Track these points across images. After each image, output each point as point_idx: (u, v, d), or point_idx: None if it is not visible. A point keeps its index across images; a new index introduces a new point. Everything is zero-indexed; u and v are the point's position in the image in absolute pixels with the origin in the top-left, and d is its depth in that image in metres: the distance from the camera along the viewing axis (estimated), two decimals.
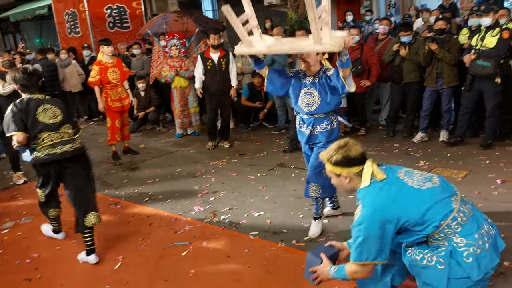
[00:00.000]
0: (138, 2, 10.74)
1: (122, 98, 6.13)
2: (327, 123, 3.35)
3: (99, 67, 5.94)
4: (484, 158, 4.93)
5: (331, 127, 3.37)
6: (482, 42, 5.02)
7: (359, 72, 6.15)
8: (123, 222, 4.16)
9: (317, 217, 3.59)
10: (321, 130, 3.36)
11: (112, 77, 6.00)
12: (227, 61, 6.12)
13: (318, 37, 2.62)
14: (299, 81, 3.36)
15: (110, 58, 6.04)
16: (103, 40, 6.14)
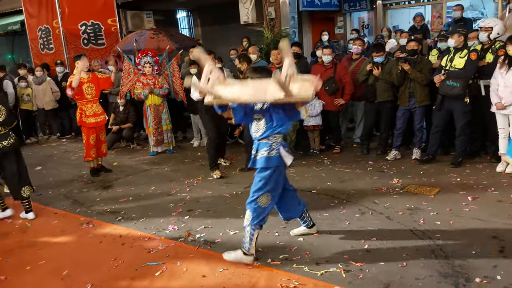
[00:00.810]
0: (114, 19, 10.67)
1: (97, 114, 6.05)
2: (266, 148, 3.33)
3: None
4: (455, 176, 5.04)
5: (269, 154, 3.33)
6: (451, 63, 5.19)
7: (333, 91, 6.25)
8: (95, 242, 4.03)
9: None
10: (261, 155, 3.36)
11: (87, 92, 5.95)
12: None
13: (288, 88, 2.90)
14: (253, 107, 3.36)
15: (85, 74, 5.98)
16: (77, 56, 6.08)
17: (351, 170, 5.59)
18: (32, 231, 4.42)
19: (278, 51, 6.25)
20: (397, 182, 4.97)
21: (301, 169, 5.79)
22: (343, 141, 6.82)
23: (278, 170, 3.40)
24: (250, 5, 9.16)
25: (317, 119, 6.33)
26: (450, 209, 4.10)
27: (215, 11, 11.91)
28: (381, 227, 3.84)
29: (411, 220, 3.92)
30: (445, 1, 9.58)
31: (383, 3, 10.43)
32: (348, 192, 4.77)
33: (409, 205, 4.27)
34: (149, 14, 11.38)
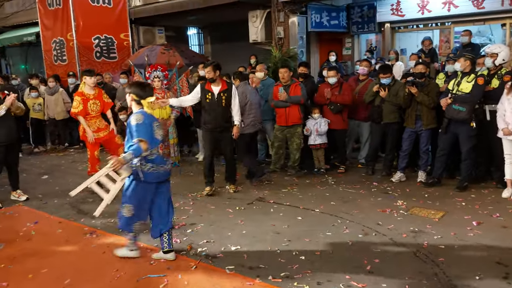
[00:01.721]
0: (126, 34, 10.89)
1: (100, 129, 6.16)
2: (136, 161, 3.56)
3: (81, 97, 5.99)
4: (460, 200, 5.03)
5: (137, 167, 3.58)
6: (458, 87, 5.23)
7: (338, 110, 6.32)
8: (98, 252, 4.05)
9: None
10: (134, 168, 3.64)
11: (92, 109, 6.05)
12: (229, 96, 5.52)
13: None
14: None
15: (91, 90, 6.08)
16: (87, 71, 6.19)
17: (355, 190, 5.59)
18: (36, 239, 4.45)
19: (285, 70, 6.36)
20: (401, 204, 4.96)
21: (305, 188, 5.80)
22: (348, 161, 6.83)
23: (141, 185, 3.62)
24: (260, 24, 9.31)
25: (323, 137, 6.37)
26: (455, 233, 4.08)
27: (225, 29, 12.11)
28: (384, 248, 3.83)
29: (414, 243, 3.90)
30: (453, 26, 9.68)
31: (391, 26, 10.55)
32: (352, 213, 4.76)
33: (413, 227, 4.25)
34: (161, 30, 11.61)
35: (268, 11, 9.21)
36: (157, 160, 3.66)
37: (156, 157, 3.67)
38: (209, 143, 5.71)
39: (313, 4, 9.56)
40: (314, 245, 3.95)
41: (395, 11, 10.04)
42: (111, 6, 10.62)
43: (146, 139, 3.51)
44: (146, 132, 3.53)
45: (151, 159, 3.63)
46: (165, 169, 3.73)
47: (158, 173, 3.66)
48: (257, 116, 6.25)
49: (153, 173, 3.63)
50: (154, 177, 3.64)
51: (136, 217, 3.72)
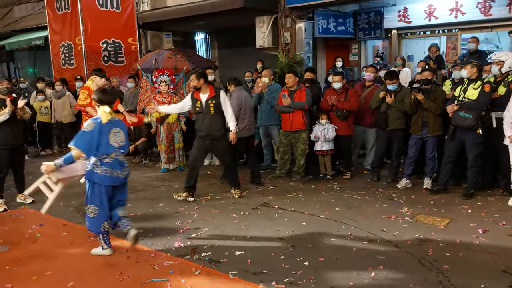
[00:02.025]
0: (134, 39, 10.96)
1: None
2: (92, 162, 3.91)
3: (87, 92, 5.94)
4: (466, 207, 4.98)
5: (93, 169, 3.87)
6: (465, 94, 5.21)
7: (345, 116, 6.31)
8: (101, 256, 4.05)
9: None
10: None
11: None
12: (217, 103, 5.42)
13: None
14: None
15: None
16: (97, 70, 6.12)
17: (360, 197, 5.56)
18: (41, 241, 4.47)
19: (290, 75, 6.39)
20: (407, 211, 4.92)
21: (310, 194, 5.78)
22: (354, 167, 6.81)
23: (96, 186, 3.88)
24: (267, 30, 9.34)
25: (330, 144, 6.35)
26: (460, 240, 4.04)
27: (232, 34, 12.15)
28: (389, 255, 3.80)
29: (419, 250, 3.87)
30: (460, 33, 9.64)
31: (398, 32, 10.53)
32: (357, 219, 4.73)
33: (418, 234, 4.22)
34: (169, 35, 11.68)
35: (275, 16, 9.24)
36: (112, 164, 3.90)
37: (112, 162, 3.91)
38: (197, 150, 5.65)
39: (320, 10, 9.57)
40: (318, 251, 3.93)
41: (402, 17, 10.01)
42: (119, 10, 10.70)
43: (83, 147, 3.79)
44: (87, 141, 3.81)
45: (106, 162, 3.88)
46: (118, 174, 3.94)
47: (111, 177, 3.89)
48: (251, 120, 6.38)
49: (106, 176, 3.87)
50: (107, 180, 3.87)
51: (101, 217, 3.94)
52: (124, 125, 4.11)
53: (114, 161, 3.92)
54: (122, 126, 4.06)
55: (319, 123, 6.40)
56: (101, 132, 3.84)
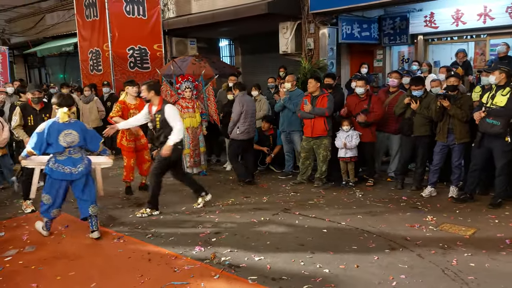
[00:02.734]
0: (159, 45, 11.19)
1: (137, 138, 6.18)
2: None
3: (122, 106, 6.06)
4: (493, 217, 4.83)
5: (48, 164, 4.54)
6: (492, 101, 5.07)
7: (368, 123, 6.22)
8: (124, 257, 4.13)
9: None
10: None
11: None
12: (162, 117, 5.17)
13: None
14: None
15: (133, 99, 6.14)
16: (129, 81, 6.23)
17: (383, 204, 5.48)
18: (66, 242, 4.59)
19: (312, 80, 6.40)
20: (431, 220, 4.82)
21: (332, 201, 5.73)
22: (377, 174, 6.71)
23: (51, 179, 4.51)
24: (290, 35, 9.35)
25: (353, 150, 6.28)
26: (486, 251, 3.92)
27: (256, 40, 12.23)
28: (412, 264, 3.72)
29: (443, 260, 3.78)
30: (489, 39, 9.40)
31: (424, 38, 10.35)
32: (379, 227, 4.66)
33: (443, 244, 4.12)
34: (193, 42, 11.86)
35: (298, 22, 9.25)
36: (65, 161, 4.50)
37: (65, 159, 4.51)
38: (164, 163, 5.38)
39: (344, 16, 9.52)
40: (339, 259, 3.89)
41: (428, 23, 9.85)
42: (145, 18, 10.95)
43: (32, 146, 4.44)
44: (36, 141, 4.44)
45: (59, 159, 4.50)
46: (71, 171, 4.51)
47: (64, 173, 4.49)
48: (251, 125, 6.63)
49: (58, 171, 4.48)
50: (58, 175, 4.49)
51: (53, 205, 4.58)
52: (80, 127, 4.59)
53: (67, 158, 4.51)
54: (77, 128, 4.55)
55: (342, 129, 6.34)
56: (49, 133, 4.43)
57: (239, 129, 6.43)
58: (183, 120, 7.20)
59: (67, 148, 4.49)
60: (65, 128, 4.48)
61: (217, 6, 10.62)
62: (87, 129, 4.69)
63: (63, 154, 4.49)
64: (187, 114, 7.15)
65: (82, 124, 4.69)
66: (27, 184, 5.65)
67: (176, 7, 11.70)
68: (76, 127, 4.55)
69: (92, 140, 4.67)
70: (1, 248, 4.43)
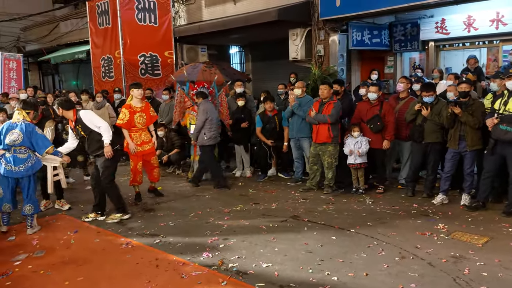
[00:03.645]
0: (170, 52, 11.29)
1: (145, 142, 6.14)
2: None
3: (128, 110, 6.00)
4: (506, 226, 4.74)
5: None
6: (505, 107, 4.99)
7: (378, 129, 6.18)
8: (132, 262, 4.13)
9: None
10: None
11: (138, 122, 6.03)
12: (83, 126, 5.24)
13: None
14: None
15: (139, 102, 6.08)
16: (134, 84, 6.23)
17: (393, 212, 5.40)
18: (75, 247, 4.61)
19: (325, 86, 6.38)
20: (442, 228, 4.73)
21: (341, 207, 5.67)
22: (388, 181, 6.63)
23: (0, 176, 4.93)
24: (300, 42, 9.36)
25: (363, 157, 6.22)
26: (499, 260, 3.83)
27: (266, 47, 12.26)
28: (422, 273, 3.66)
29: (455, 269, 3.70)
30: (502, 45, 9.29)
31: (435, 44, 10.27)
32: (389, 234, 4.59)
33: (454, 252, 4.04)
34: (204, 49, 11.94)
35: (308, 29, 9.25)
36: (11, 159, 4.88)
37: (10, 157, 4.89)
38: (95, 168, 5.50)
39: (354, 22, 9.49)
40: (348, 266, 3.84)
41: (439, 29, 9.77)
42: (157, 25, 11.06)
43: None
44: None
45: (6, 157, 4.90)
46: (19, 169, 4.90)
47: (11, 171, 4.88)
48: (217, 131, 6.98)
49: (6, 169, 4.89)
50: (7, 172, 4.89)
51: (4, 199, 4.95)
52: (26, 129, 4.90)
53: (12, 156, 4.89)
54: (22, 129, 4.89)
55: (351, 135, 6.29)
56: (2, 132, 4.90)
57: (206, 135, 6.80)
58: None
59: (13, 147, 4.88)
60: (12, 128, 4.92)
61: (228, 13, 10.69)
62: (36, 133, 4.98)
63: (10, 152, 4.90)
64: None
65: (31, 127, 4.98)
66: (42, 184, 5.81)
67: (187, 14, 11.81)
68: (21, 128, 4.90)
69: (37, 144, 4.98)
70: (11, 253, 4.47)
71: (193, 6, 11.70)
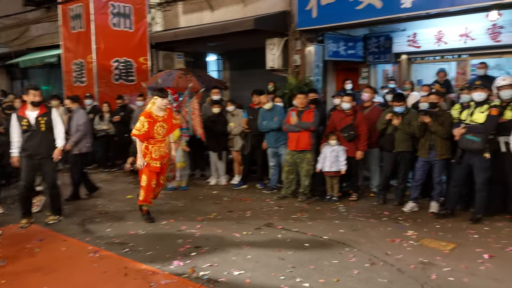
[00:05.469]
0: (146, 58, 11.17)
1: (163, 156, 5.45)
2: None
3: (147, 119, 5.24)
4: (473, 232, 4.86)
5: None
6: (471, 117, 5.15)
7: (351, 138, 6.26)
8: (99, 271, 4.02)
9: None
10: None
11: (158, 132, 5.32)
12: (48, 120, 5.30)
13: None
14: None
15: (161, 111, 5.37)
16: (159, 90, 5.51)
17: (365, 219, 5.46)
18: (40, 256, 4.46)
19: (304, 96, 6.49)
20: (412, 235, 4.81)
21: (315, 215, 5.70)
22: (360, 190, 6.71)
23: None
24: (277, 52, 9.42)
25: (338, 165, 6.27)
26: (466, 266, 3.92)
27: (243, 56, 12.29)
28: (391, 279, 3.70)
29: (423, 275, 3.76)
30: (470, 59, 9.62)
31: (408, 57, 10.55)
32: (360, 241, 4.63)
33: (423, 258, 4.11)
34: (180, 55, 11.88)
35: (285, 39, 9.34)
36: None
37: None
38: (27, 171, 5.32)
39: (330, 34, 9.65)
40: (319, 273, 3.85)
41: (411, 42, 10.05)
42: (132, 30, 10.94)
43: None
44: None
45: None
46: None
47: None
48: (88, 139, 6.79)
49: None
50: None
51: None
52: None
53: None
54: None
55: (327, 144, 6.34)
56: None
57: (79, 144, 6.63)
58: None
59: None
60: None
61: (205, 21, 10.70)
62: None
63: None
64: None
65: None
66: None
67: (164, 20, 11.74)
68: None
69: None
70: None
71: (169, 13, 11.65)
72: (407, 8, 7.35)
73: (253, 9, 9.75)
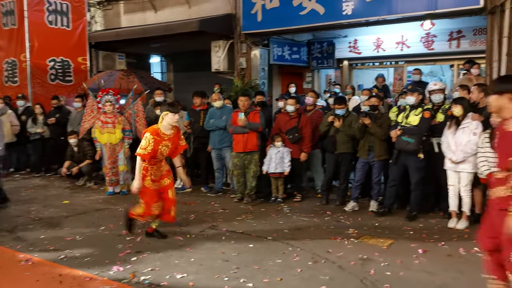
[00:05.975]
0: (84, 58, 10.72)
1: (163, 176, 4.83)
2: None
3: (153, 137, 4.57)
4: (408, 229, 5.09)
5: None
6: (407, 120, 5.43)
7: (296, 140, 6.37)
8: (32, 280, 3.76)
9: None
10: None
11: (161, 152, 4.70)
12: None
13: None
14: None
15: (169, 129, 4.70)
16: (171, 105, 4.80)
17: (309, 219, 5.56)
18: None
19: (246, 98, 6.49)
20: (352, 233, 4.96)
21: (260, 216, 5.72)
22: (305, 191, 6.83)
23: None
24: (222, 54, 9.41)
25: (283, 166, 6.33)
26: (401, 261, 4.09)
27: (188, 58, 12.16)
28: (332, 276, 3.78)
29: (362, 270, 3.88)
30: (406, 65, 10.18)
31: (349, 62, 10.96)
32: (304, 240, 4.70)
33: (362, 255, 4.24)
34: (122, 56, 11.52)
35: (231, 42, 9.35)
36: None
37: None
38: None
39: (275, 38, 9.81)
40: (263, 273, 3.85)
41: (352, 48, 10.47)
42: (69, 29, 10.47)
43: None
44: None
45: None
46: None
47: None
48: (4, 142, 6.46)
49: None
50: None
51: None
52: None
53: None
54: None
55: (273, 145, 6.40)
56: None
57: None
58: (102, 136, 6.86)
59: None
60: None
61: (148, 21, 10.48)
62: None
63: None
64: (105, 130, 6.82)
65: None
66: None
67: (104, 20, 11.36)
68: None
69: None
70: None
71: (110, 12, 11.29)
72: (348, 15, 7.65)
73: (198, 11, 9.69)
